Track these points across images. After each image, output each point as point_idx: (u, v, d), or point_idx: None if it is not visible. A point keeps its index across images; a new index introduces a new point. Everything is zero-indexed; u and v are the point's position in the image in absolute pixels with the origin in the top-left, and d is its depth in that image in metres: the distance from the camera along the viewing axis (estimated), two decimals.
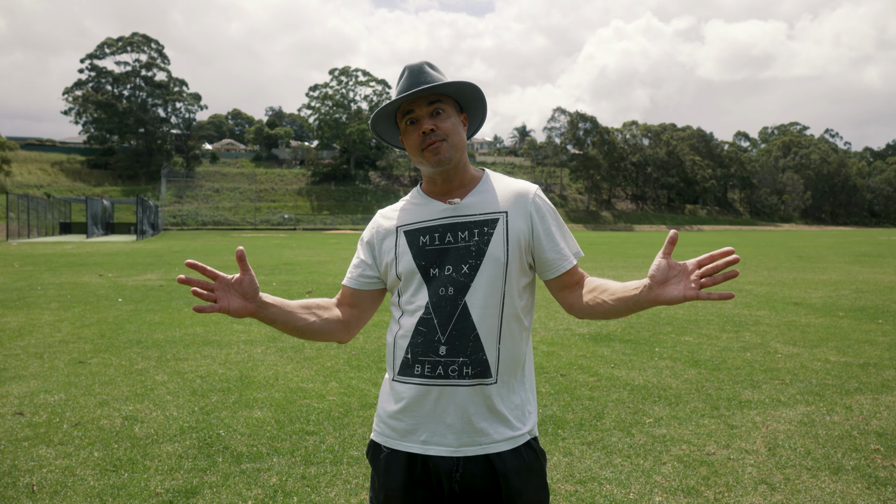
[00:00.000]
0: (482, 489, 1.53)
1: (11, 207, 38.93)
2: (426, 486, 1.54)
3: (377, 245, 1.65)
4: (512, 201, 1.59)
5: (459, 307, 1.53)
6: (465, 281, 1.53)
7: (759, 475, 3.34)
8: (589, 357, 6.03)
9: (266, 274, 14.17)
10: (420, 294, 1.56)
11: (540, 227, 1.59)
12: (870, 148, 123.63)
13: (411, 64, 1.59)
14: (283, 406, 4.49)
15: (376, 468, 1.61)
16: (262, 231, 54.94)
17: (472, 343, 1.53)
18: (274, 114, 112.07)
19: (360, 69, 79.43)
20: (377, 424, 1.64)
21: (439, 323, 1.53)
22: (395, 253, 1.60)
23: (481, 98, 1.63)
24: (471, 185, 1.63)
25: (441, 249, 1.56)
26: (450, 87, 1.55)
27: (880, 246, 29.58)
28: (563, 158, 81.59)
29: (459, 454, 1.53)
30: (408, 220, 1.63)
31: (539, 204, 1.61)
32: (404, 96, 1.53)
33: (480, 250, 1.54)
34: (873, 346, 6.52)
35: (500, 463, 1.53)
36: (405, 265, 1.58)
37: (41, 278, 12.96)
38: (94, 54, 70.94)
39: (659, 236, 48.49)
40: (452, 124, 1.56)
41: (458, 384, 1.52)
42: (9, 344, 6.53)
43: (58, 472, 3.36)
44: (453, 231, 1.57)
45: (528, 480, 1.56)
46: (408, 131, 1.59)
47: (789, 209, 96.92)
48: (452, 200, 1.59)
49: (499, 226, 1.56)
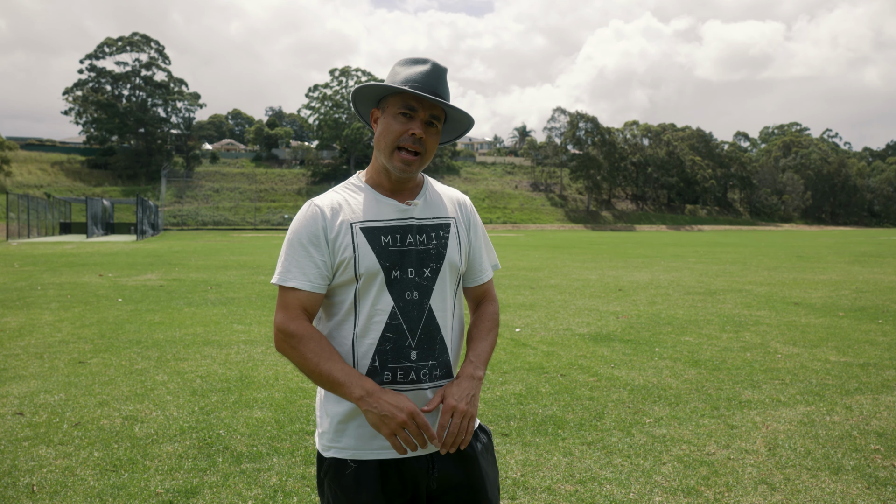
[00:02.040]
0: (455, 480, 1.56)
1: (11, 207, 38.94)
2: (402, 492, 1.52)
3: (330, 241, 1.52)
4: (455, 208, 1.65)
5: (426, 311, 1.54)
6: (427, 284, 1.54)
7: (759, 475, 3.35)
8: (589, 357, 6.03)
9: (266, 274, 14.17)
10: (383, 298, 1.51)
11: (473, 236, 1.66)
12: (869, 148, 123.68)
13: (437, 62, 1.55)
14: (283, 406, 4.49)
15: (342, 486, 1.52)
16: (262, 231, 54.95)
17: (439, 346, 1.56)
18: (274, 114, 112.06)
19: (360, 69, 79.45)
20: (332, 440, 1.55)
21: (409, 328, 1.52)
22: (354, 251, 1.50)
23: (466, 132, 1.66)
24: (417, 188, 1.63)
25: (403, 251, 1.53)
26: (457, 112, 1.56)
27: (880, 246, 29.58)
28: (563, 158, 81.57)
29: (432, 451, 1.55)
30: (363, 217, 1.54)
31: (475, 214, 1.70)
32: (422, 95, 1.48)
33: (440, 254, 1.56)
34: (873, 346, 6.52)
35: (469, 449, 1.59)
36: (367, 265, 1.50)
37: (41, 278, 12.96)
38: (93, 54, 70.91)
39: (659, 236, 48.49)
40: (433, 143, 1.56)
41: (428, 387, 1.55)
42: (9, 344, 6.53)
43: (58, 472, 3.36)
44: (412, 233, 1.55)
45: (488, 460, 1.64)
46: (395, 120, 1.52)
47: (789, 209, 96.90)
48: (411, 202, 1.57)
49: (452, 230, 1.60)
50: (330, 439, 1.55)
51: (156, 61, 72.62)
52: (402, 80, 1.52)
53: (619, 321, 8.05)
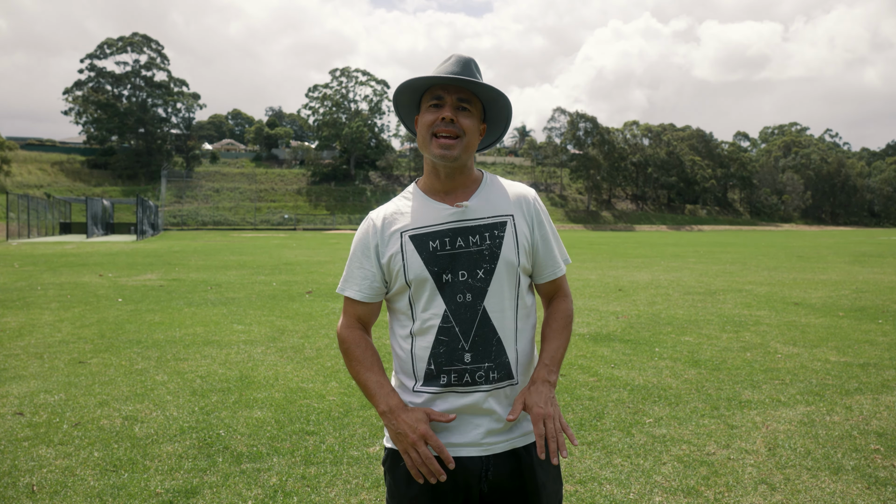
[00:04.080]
0: (509, 486, 1.54)
1: (11, 207, 38.94)
2: (453, 490, 1.52)
3: (381, 252, 1.57)
4: (515, 204, 1.60)
5: (479, 313, 1.52)
6: (481, 286, 1.52)
7: (759, 475, 3.34)
8: (589, 357, 6.03)
9: (266, 274, 14.17)
10: (435, 302, 1.52)
11: (539, 232, 1.61)
12: (867, 148, 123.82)
13: (461, 54, 1.56)
14: (283, 406, 4.49)
15: (396, 477, 1.56)
16: (262, 231, 54.94)
17: (496, 347, 1.53)
18: (274, 114, 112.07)
19: (360, 69, 79.49)
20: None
21: (461, 331, 1.51)
22: (402, 259, 1.53)
23: (508, 114, 1.61)
24: (473, 186, 1.60)
25: (452, 254, 1.52)
26: (487, 90, 1.53)
27: (880, 246, 29.58)
28: (563, 158, 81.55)
29: (488, 453, 1.54)
30: (412, 224, 1.56)
31: (539, 209, 1.64)
32: (442, 77, 1.49)
33: (494, 254, 1.53)
34: (873, 346, 6.52)
35: (526, 456, 1.56)
36: (416, 272, 1.52)
37: (41, 278, 12.96)
38: (94, 54, 70.92)
39: (659, 236, 48.49)
40: (472, 125, 1.54)
41: (486, 389, 1.53)
42: (9, 344, 6.53)
43: (58, 472, 3.36)
44: (463, 235, 1.53)
45: (548, 472, 1.59)
46: (427, 111, 1.54)
47: (789, 209, 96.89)
48: (461, 204, 1.55)
49: (508, 228, 1.56)
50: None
51: (155, 61, 72.65)
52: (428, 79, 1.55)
53: (619, 321, 8.05)
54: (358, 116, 77.07)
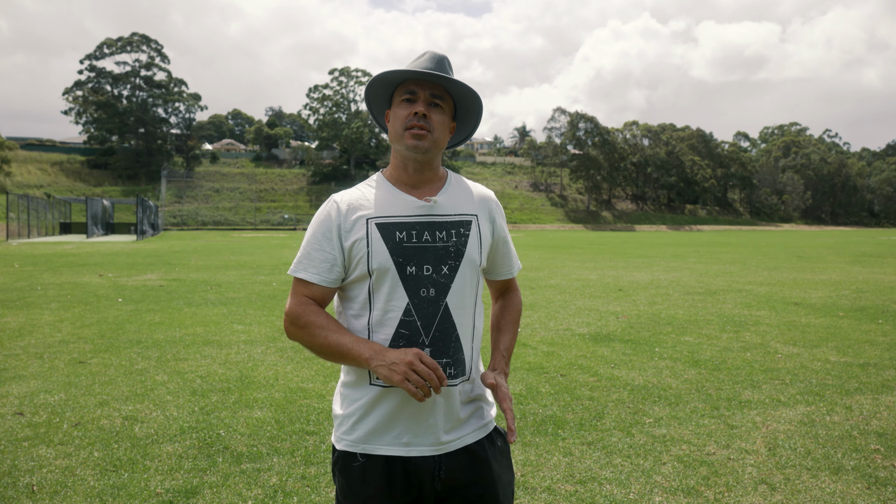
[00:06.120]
0: (464, 482, 1.56)
1: (11, 207, 38.94)
2: (406, 490, 1.53)
3: (344, 236, 1.53)
4: (479, 205, 1.64)
5: (441, 308, 1.53)
6: (445, 282, 1.53)
7: (759, 475, 3.34)
8: (589, 357, 6.03)
9: (266, 274, 14.17)
10: (397, 293, 1.51)
11: (499, 234, 1.67)
12: (867, 148, 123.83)
13: (436, 52, 1.58)
14: (283, 406, 4.49)
15: (349, 478, 1.55)
16: (262, 231, 54.94)
17: (454, 344, 1.54)
18: (274, 114, 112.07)
19: (360, 69, 79.45)
20: (344, 433, 1.57)
21: (423, 325, 1.51)
22: (367, 246, 1.51)
23: (478, 112, 1.63)
24: (439, 183, 1.62)
25: (418, 247, 1.52)
26: (459, 86, 1.55)
27: (880, 246, 29.58)
28: (563, 158, 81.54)
29: (441, 451, 1.54)
30: (378, 212, 1.54)
31: (499, 211, 1.70)
32: (418, 72, 1.51)
33: (459, 251, 1.55)
34: (873, 346, 6.52)
35: (480, 451, 1.58)
36: (380, 261, 1.50)
37: (41, 278, 12.96)
38: (93, 54, 70.90)
39: (659, 236, 48.48)
40: (442, 122, 1.56)
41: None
42: (9, 344, 6.53)
43: (58, 472, 3.36)
44: (430, 230, 1.54)
45: (502, 464, 1.63)
46: (400, 106, 1.55)
47: (789, 209, 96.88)
48: (430, 199, 1.56)
49: (473, 227, 1.59)
50: (343, 432, 1.58)
51: (155, 61, 72.64)
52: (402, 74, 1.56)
53: (619, 321, 8.05)
54: (358, 116, 77.04)
